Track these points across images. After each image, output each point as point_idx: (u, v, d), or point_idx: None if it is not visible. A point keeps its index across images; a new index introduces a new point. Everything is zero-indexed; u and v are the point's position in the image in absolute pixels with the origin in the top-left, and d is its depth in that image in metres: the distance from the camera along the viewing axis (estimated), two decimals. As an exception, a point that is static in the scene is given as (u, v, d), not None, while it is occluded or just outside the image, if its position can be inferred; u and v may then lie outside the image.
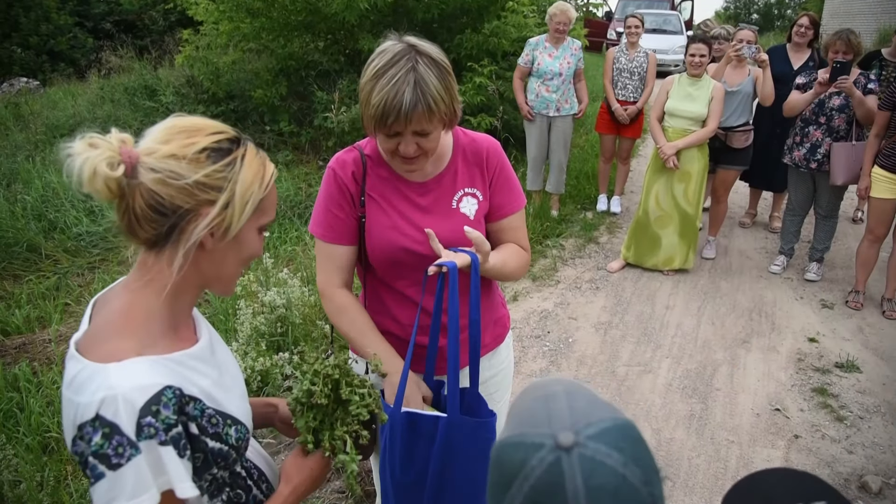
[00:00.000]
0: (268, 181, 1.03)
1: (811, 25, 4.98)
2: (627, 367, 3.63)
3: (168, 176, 0.93)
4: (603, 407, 0.66)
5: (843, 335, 4.03)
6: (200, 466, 0.99)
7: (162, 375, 0.93)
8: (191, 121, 0.99)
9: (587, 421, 0.62)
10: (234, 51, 7.75)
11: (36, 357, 3.48)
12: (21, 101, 8.68)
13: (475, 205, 1.55)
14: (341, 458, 1.16)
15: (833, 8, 18.52)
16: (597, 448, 0.59)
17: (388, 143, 1.38)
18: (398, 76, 1.29)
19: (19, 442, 2.68)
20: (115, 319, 0.98)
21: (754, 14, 37.45)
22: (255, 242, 1.06)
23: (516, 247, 1.65)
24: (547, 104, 5.32)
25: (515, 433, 0.64)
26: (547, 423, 0.63)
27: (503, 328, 1.75)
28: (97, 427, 0.86)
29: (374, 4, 6.31)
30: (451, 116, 1.40)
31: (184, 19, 9.99)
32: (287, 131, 7.22)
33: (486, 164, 1.57)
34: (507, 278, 1.62)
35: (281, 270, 3.84)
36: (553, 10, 5.17)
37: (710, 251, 5.14)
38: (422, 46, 1.35)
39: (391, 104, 1.29)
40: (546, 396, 0.68)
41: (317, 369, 1.18)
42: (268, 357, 3.12)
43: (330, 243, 1.54)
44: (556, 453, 0.59)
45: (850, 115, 4.29)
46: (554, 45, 5.24)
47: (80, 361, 0.92)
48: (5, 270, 4.53)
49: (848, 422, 3.20)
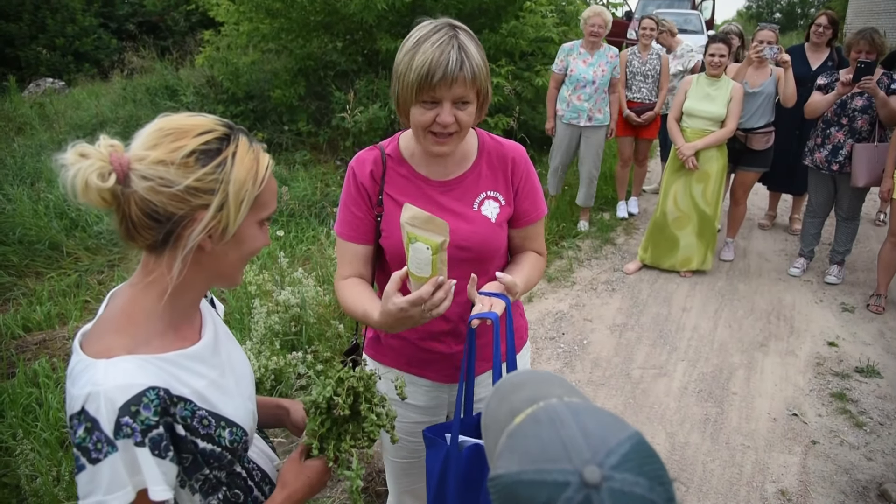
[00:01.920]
0: (262, 176, 1.00)
1: (830, 25, 4.87)
2: (642, 370, 3.60)
3: (159, 183, 0.91)
4: (611, 422, 0.64)
5: (863, 339, 3.97)
6: (189, 467, 1.00)
7: (148, 376, 0.93)
8: (178, 121, 0.97)
9: (607, 448, 0.60)
10: (253, 51, 7.83)
11: (55, 353, 3.54)
12: (46, 101, 8.84)
13: (497, 208, 1.53)
14: (346, 473, 1.14)
15: (857, 6, 18.22)
16: (624, 479, 0.58)
17: (426, 114, 1.35)
18: (442, 40, 1.30)
19: (37, 437, 2.72)
20: (114, 316, 0.99)
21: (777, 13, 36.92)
22: (257, 237, 1.05)
23: (534, 256, 1.64)
24: (578, 113, 5.10)
25: (530, 468, 0.60)
26: (566, 457, 0.59)
27: (521, 339, 1.73)
28: (81, 420, 0.88)
29: (392, 4, 6.33)
30: (486, 96, 1.40)
31: (205, 20, 10.11)
32: (305, 131, 7.27)
33: (513, 171, 1.55)
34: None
35: (296, 270, 3.86)
36: (587, 13, 4.97)
37: (728, 253, 5.08)
38: (457, 24, 1.37)
39: (437, 62, 1.28)
40: (551, 419, 0.65)
41: (341, 377, 1.16)
42: (282, 356, 3.14)
43: (348, 241, 1.55)
44: (585, 491, 0.57)
45: (872, 116, 4.21)
46: (589, 50, 5.02)
47: (78, 354, 0.95)
48: (28, 268, 4.60)
49: (867, 428, 3.14)
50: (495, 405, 0.75)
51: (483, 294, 1.43)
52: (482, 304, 1.39)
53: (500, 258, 1.58)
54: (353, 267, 1.55)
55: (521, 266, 1.59)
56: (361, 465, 1.16)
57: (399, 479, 1.83)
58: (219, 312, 1.29)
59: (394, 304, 1.26)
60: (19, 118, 8.06)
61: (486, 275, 1.51)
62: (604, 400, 3.33)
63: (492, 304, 1.39)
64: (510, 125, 6.48)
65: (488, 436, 0.74)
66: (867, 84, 4.01)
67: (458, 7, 6.77)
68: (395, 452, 1.75)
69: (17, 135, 7.43)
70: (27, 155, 6.45)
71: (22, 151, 6.55)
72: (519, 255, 1.65)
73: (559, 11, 7.68)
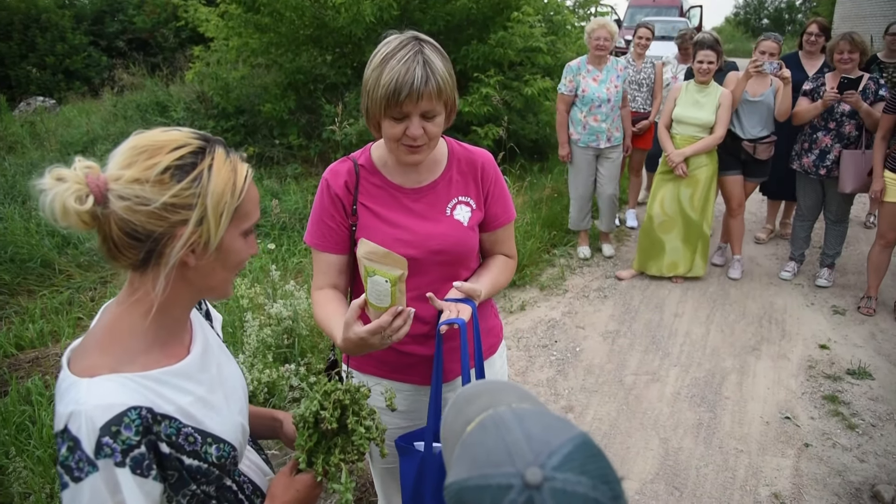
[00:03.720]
0: (241, 187, 0.99)
1: (821, 32, 4.89)
2: (635, 376, 3.61)
3: (136, 202, 0.91)
4: (556, 425, 0.65)
5: (854, 341, 3.99)
6: (175, 483, 0.99)
7: (130, 395, 0.93)
8: (151, 138, 0.96)
9: (549, 450, 0.61)
10: (243, 66, 7.86)
11: (48, 371, 3.53)
12: (37, 120, 8.85)
13: (469, 213, 1.58)
14: (335, 487, 1.14)
15: (843, 11, 18.40)
16: (565, 478, 0.59)
17: (396, 127, 1.39)
18: (408, 56, 1.33)
19: (30, 455, 2.71)
20: (99, 335, 0.99)
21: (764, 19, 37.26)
22: (242, 248, 1.04)
23: (503, 259, 1.70)
24: (596, 135, 4.75)
25: (476, 474, 0.62)
26: (509, 461, 0.61)
27: (496, 338, 1.77)
28: (64, 439, 0.89)
29: (380, 17, 6.38)
30: (452, 105, 1.44)
31: (195, 36, 10.14)
32: (296, 144, 7.30)
33: (482, 176, 1.60)
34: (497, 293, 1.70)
35: (288, 282, 3.86)
36: (592, 26, 4.65)
37: (735, 272, 4.91)
38: (423, 37, 1.40)
39: (403, 80, 1.32)
40: (496, 425, 0.66)
41: (327, 391, 1.16)
42: (274, 369, 3.14)
43: (322, 252, 1.58)
44: (527, 493, 0.58)
45: (860, 121, 4.24)
46: (597, 66, 4.67)
47: (65, 372, 0.95)
48: (20, 286, 4.59)
49: (860, 430, 3.15)
50: (452, 417, 0.76)
51: (449, 301, 1.49)
52: (449, 311, 1.45)
53: (473, 260, 1.63)
54: (327, 277, 1.59)
55: (489, 269, 1.66)
56: (352, 478, 1.16)
57: (388, 484, 1.84)
58: (215, 324, 1.28)
59: (355, 332, 1.31)
60: (10, 137, 8.06)
61: (460, 277, 1.58)
62: (597, 407, 3.33)
63: (459, 310, 1.46)
64: (499, 135, 6.50)
65: (446, 447, 0.76)
66: (850, 98, 4.07)
67: (447, 19, 6.82)
68: (381, 459, 1.77)
69: (8, 153, 7.44)
70: (18, 174, 6.44)
71: (13, 170, 6.55)
72: (489, 258, 1.70)
73: (547, 21, 7.75)
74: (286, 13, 6.59)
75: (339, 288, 1.61)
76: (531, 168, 7.30)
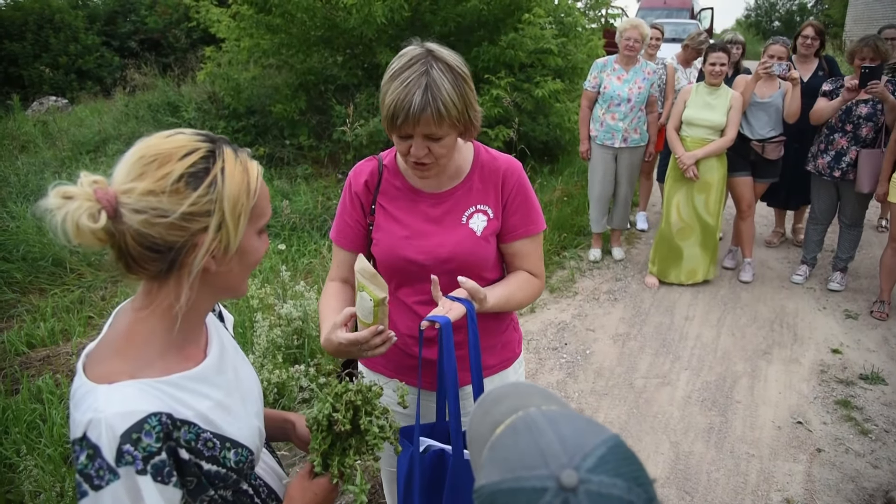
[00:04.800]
0: (255, 187, 0.98)
1: (817, 35, 4.81)
2: (645, 380, 3.59)
3: (153, 215, 0.89)
4: (588, 427, 0.65)
5: (867, 346, 3.95)
6: (194, 489, 0.99)
7: (149, 401, 0.92)
8: (157, 146, 0.93)
9: (583, 452, 0.61)
10: (254, 67, 7.89)
11: (59, 369, 3.55)
12: (49, 119, 8.91)
13: (485, 222, 1.54)
14: (350, 488, 1.13)
15: (856, 13, 18.30)
16: (601, 481, 0.58)
17: (401, 144, 1.40)
18: (410, 79, 1.31)
19: (41, 453, 2.72)
20: (116, 339, 0.98)
21: (776, 22, 37.03)
22: (258, 246, 1.04)
23: (526, 275, 1.62)
24: (612, 134, 4.74)
25: (509, 477, 0.61)
26: (543, 463, 0.60)
27: (512, 353, 1.71)
28: (83, 447, 0.87)
29: (391, 18, 6.38)
30: (466, 124, 1.40)
31: (206, 37, 10.19)
32: (306, 145, 7.31)
33: (503, 184, 1.55)
34: (513, 309, 1.64)
35: (298, 283, 3.87)
36: (623, 26, 4.62)
37: (746, 275, 4.88)
38: (439, 52, 1.36)
39: (400, 106, 1.31)
40: (528, 427, 0.65)
41: (338, 392, 1.15)
42: (284, 370, 3.15)
43: (339, 247, 1.63)
44: (563, 495, 0.58)
45: (877, 124, 4.20)
46: (624, 66, 4.65)
47: (81, 377, 0.94)
48: (31, 284, 4.62)
49: (873, 435, 3.12)
50: (479, 419, 0.76)
51: (448, 297, 1.44)
52: (442, 307, 1.41)
53: (487, 270, 1.58)
54: (340, 271, 1.64)
55: (506, 282, 1.60)
56: (366, 479, 1.15)
57: (395, 487, 1.83)
58: (227, 325, 1.27)
59: (336, 336, 1.36)
60: (23, 136, 8.12)
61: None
62: (607, 410, 3.32)
63: (450, 309, 1.40)
64: (510, 137, 6.49)
65: (473, 450, 0.75)
66: (875, 88, 3.97)
67: (457, 21, 6.81)
68: (387, 461, 1.75)
69: (20, 153, 7.49)
70: (31, 173, 6.49)
71: (25, 169, 6.60)
72: (511, 273, 1.64)
73: (558, 23, 7.72)
74: (297, 14, 6.60)
75: (350, 283, 1.62)
76: (541, 170, 7.29)
